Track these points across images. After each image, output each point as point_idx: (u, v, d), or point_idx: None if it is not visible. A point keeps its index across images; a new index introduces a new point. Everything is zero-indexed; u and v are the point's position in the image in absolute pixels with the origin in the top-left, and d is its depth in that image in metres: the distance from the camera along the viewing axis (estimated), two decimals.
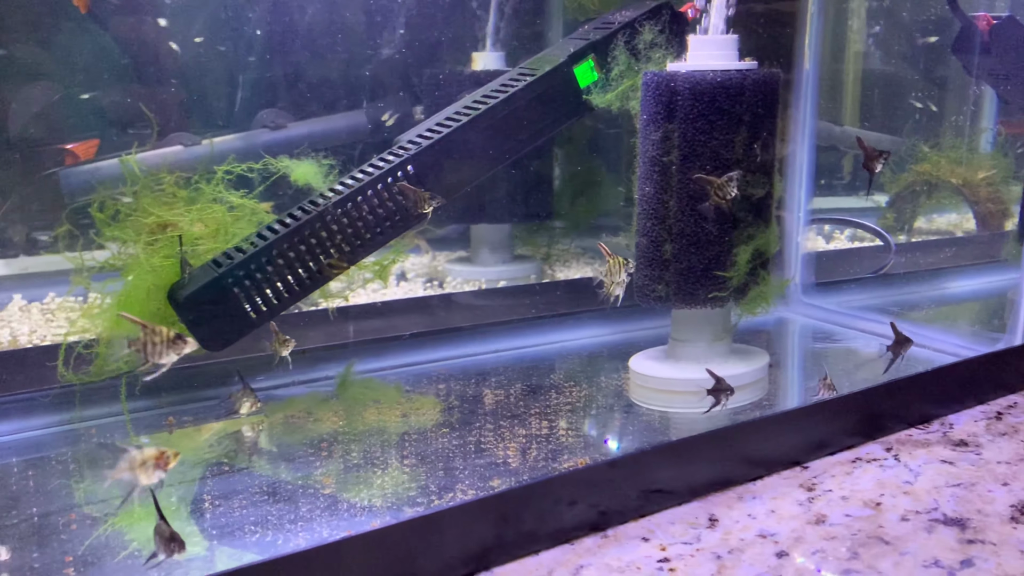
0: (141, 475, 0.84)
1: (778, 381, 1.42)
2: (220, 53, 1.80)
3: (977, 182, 2.02)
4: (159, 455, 0.85)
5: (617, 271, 1.19)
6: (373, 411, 1.32)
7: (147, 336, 0.95)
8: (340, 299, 1.46)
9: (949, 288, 1.87)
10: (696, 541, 0.98)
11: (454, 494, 1.05)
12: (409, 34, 1.91)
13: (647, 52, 1.39)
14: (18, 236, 1.76)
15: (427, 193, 1.27)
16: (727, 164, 1.23)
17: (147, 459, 0.84)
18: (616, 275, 1.18)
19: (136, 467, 0.84)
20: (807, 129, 1.70)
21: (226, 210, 1.37)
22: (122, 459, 0.84)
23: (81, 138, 1.72)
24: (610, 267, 1.20)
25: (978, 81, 1.89)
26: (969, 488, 1.08)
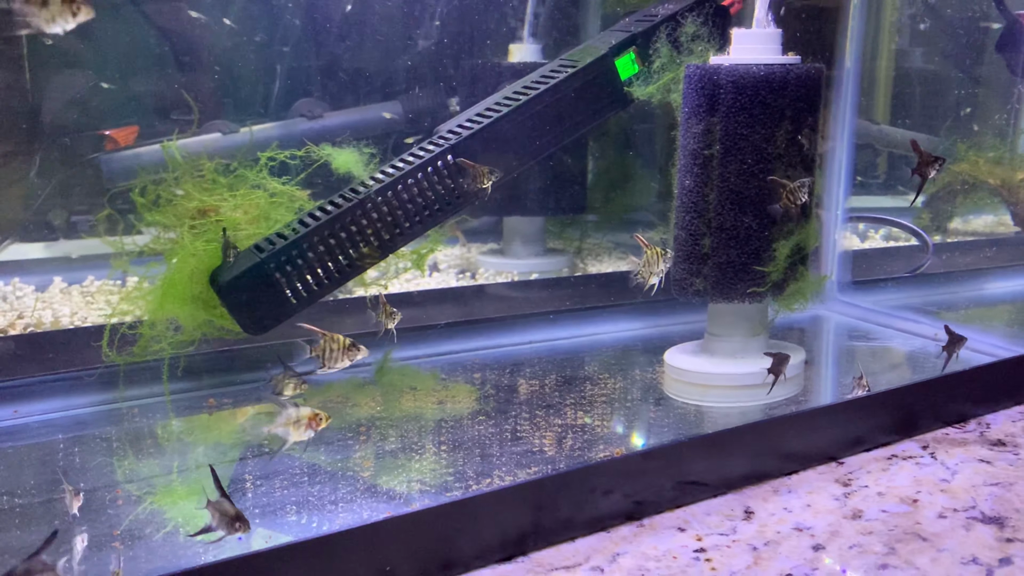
0: (294, 431, 0.93)
1: (813, 378, 1.42)
2: (258, 43, 1.82)
3: (1016, 183, 2.00)
4: (313, 416, 0.93)
5: (655, 261, 1.19)
6: (410, 398, 1.34)
7: (326, 343, 1.02)
8: (379, 287, 1.47)
9: (987, 289, 1.85)
10: (732, 532, 0.98)
11: (492, 480, 1.06)
12: (446, 25, 1.91)
13: (689, 45, 1.39)
14: (59, 220, 1.79)
15: (486, 168, 1.27)
16: (769, 158, 1.23)
17: (302, 417, 0.93)
18: (654, 265, 1.19)
19: (291, 423, 0.93)
20: (847, 127, 1.69)
21: (267, 196, 1.39)
22: (281, 415, 0.92)
23: (120, 124, 1.74)
24: (648, 257, 1.20)
25: (1022, 80, 1.87)
26: (1007, 487, 1.08)
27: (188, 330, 1.29)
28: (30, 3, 0.76)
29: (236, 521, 0.87)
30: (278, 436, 0.94)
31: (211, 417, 1.28)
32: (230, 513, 0.87)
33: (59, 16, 0.77)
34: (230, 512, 0.87)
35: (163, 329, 1.28)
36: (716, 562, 0.92)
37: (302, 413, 0.93)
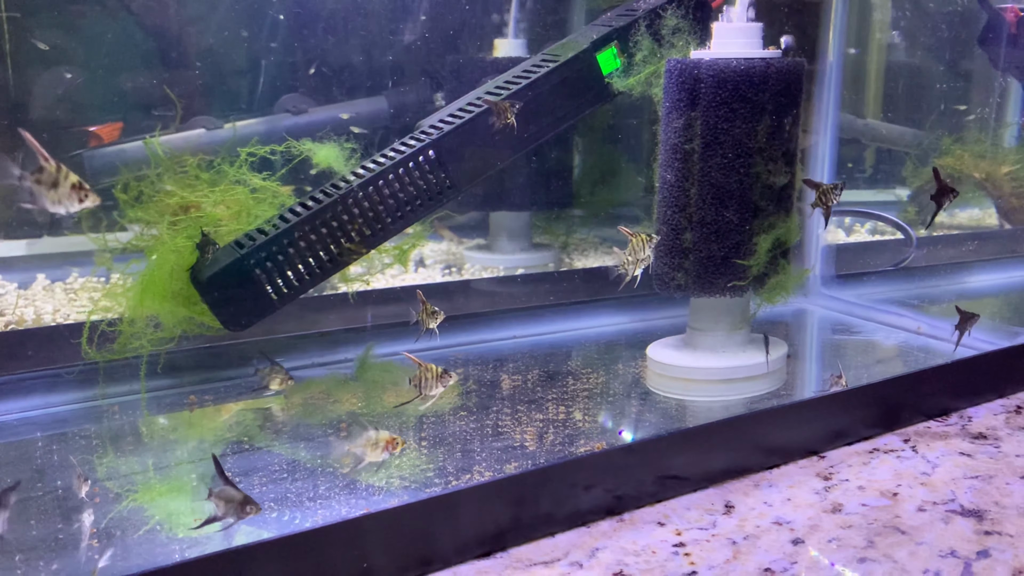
0: (371, 453, 0.98)
1: (796, 371, 1.42)
2: (243, 38, 1.81)
3: (1000, 176, 2.00)
4: (391, 439, 0.99)
5: (640, 248, 1.18)
6: (391, 393, 1.33)
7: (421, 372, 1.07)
8: (360, 283, 1.47)
9: (970, 282, 1.86)
10: (712, 527, 0.98)
11: (471, 476, 1.06)
12: (431, 21, 1.91)
13: (670, 39, 1.39)
14: (42, 217, 1.78)
15: (507, 103, 1.27)
16: (749, 153, 1.23)
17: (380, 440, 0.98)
18: (639, 252, 1.18)
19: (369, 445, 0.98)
20: (830, 121, 1.69)
21: (248, 192, 1.38)
22: (361, 436, 0.98)
23: (105, 120, 1.73)
24: (633, 245, 1.20)
25: (1004, 74, 1.88)
26: (987, 480, 1.08)
27: (168, 327, 1.28)
28: (41, 184, 0.83)
29: (246, 505, 0.87)
30: (355, 456, 0.99)
31: (192, 414, 1.28)
32: (237, 498, 0.87)
33: (66, 199, 0.84)
34: (237, 497, 0.87)
35: (143, 326, 1.27)
36: (695, 556, 0.92)
37: (380, 436, 0.98)
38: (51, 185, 0.82)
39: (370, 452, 0.98)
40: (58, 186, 0.82)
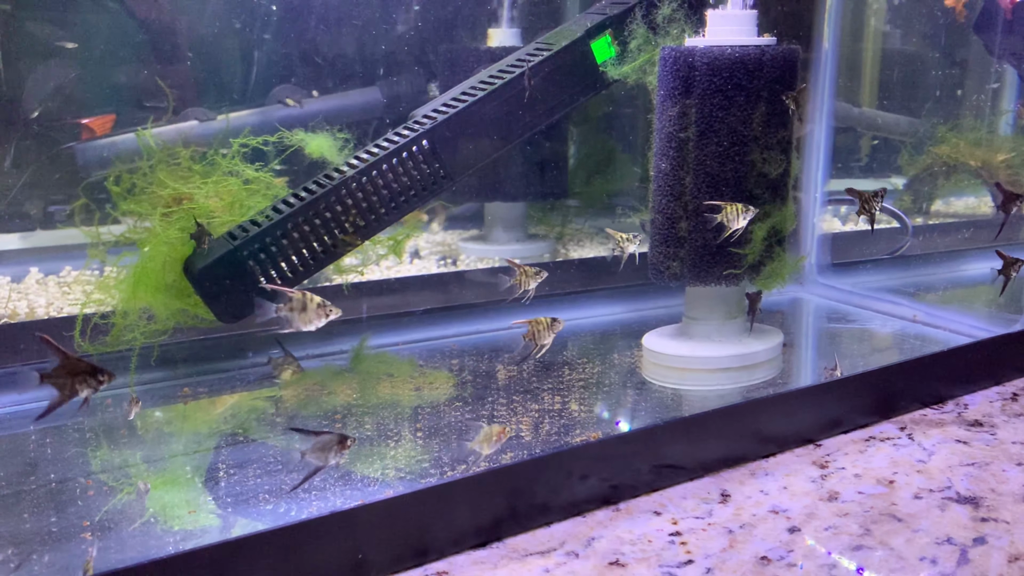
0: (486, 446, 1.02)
1: (792, 360, 1.42)
2: (236, 29, 1.80)
3: (996, 164, 2.00)
4: (503, 430, 1.03)
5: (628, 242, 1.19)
6: (387, 385, 1.33)
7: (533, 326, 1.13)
8: (355, 274, 1.46)
9: (966, 270, 1.86)
10: (708, 516, 0.98)
11: (467, 466, 1.06)
12: (425, 10, 1.90)
13: (665, 27, 1.38)
14: (35, 210, 1.77)
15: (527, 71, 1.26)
16: (744, 140, 1.22)
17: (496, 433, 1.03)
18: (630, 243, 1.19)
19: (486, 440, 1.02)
20: (825, 109, 1.68)
21: (241, 183, 1.37)
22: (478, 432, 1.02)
23: (97, 113, 1.72)
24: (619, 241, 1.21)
25: (1000, 61, 1.87)
26: (983, 467, 1.08)
27: (162, 319, 1.28)
28: (293, 310, 1.01)
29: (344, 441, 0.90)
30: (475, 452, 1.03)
31: (186, 406, 1.27)
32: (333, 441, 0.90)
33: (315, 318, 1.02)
34: (332, 441, 0.90)
35: (136, 318, 1.27)
36: (691, 545, 0.92)
37: (494, 429, 1.03)
38: (301, 308, 1.00)
39: (486, 446, 1.02)
40: (306, 308, 1.00)
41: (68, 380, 0.77)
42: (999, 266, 1.26)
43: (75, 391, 0.78)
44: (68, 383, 0.77)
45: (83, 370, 0.77)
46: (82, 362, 0.78)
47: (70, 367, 0.77)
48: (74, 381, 0.78)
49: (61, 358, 0.77)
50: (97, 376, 0.78)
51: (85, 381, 0.78)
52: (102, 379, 0.79)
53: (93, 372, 0.78)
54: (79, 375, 0.77)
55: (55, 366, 0.77)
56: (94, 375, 0.78)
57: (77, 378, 0.78)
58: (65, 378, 0.77)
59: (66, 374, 0.77)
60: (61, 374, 0.77)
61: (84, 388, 0.78)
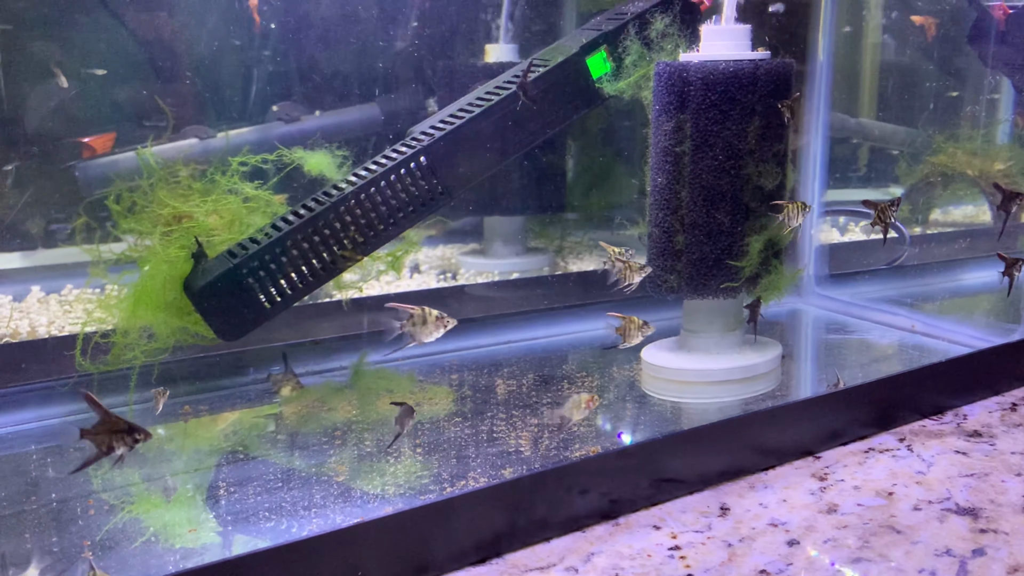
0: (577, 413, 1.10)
1: (791, 372, 1.42)
2: (235, 47, 1.82)
3: (994, 174, 2.00)
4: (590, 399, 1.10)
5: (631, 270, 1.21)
6: (386, 401, 1.33)
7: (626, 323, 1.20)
8: (354, 290, 1.47)
9: (964, 280, 1.86)
10: (707, 529, 0.98)
11: (466, 482, 1.06)
12: (422, 27, 1.91)
13: (659, 42, 1.39)
14: (36, 229, 1.78)
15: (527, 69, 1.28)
16: (740, 154, 1.23)
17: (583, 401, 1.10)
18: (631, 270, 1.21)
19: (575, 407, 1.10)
20: (821, 120, 1.69)
21: (240, 201, 1.38)
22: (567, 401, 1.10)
23: (98, 131, 1.73)
24: (614, 257, 1.22)
25: (994, 71, 1.88)
26: (982, 478, 1.08)
27: (162, 337, 1.28)
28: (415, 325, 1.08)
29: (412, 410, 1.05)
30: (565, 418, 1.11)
31: (187, 424, 1.28)
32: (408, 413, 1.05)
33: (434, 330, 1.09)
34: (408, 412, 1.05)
35: (136, 337, 1.27)
36: (690, 559, 0.92)
37: (582, 398, 1.10)
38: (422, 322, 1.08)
39: (576, 412, 1.10)
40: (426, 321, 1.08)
41: (107, 437, 0.81)
42: (1002, 268, 1.27)
43: (112, 448, 0.82)
44: (106, 440, 0.81)
45: (122, 428, 0.81)
46: (121, 420, 0.81)
47: (110, 425, 0.81)
48: (112, 438, 0.81)
49: (102, 416, 0.81)
50: (134, 434, 0.82)
51: (122, 439, 0.81)
52: (139, 438, 0.82)
53: (131, 431, 0.81)
54: (117, 433, 0.81)
55: (96, 423, 0.81)
56: (131, 433, 0.81)
57: (115, 435, 0.81)
58: (104, 435, 0.81)
59: (105, 431, 0.81)
60: (101, 431, 0.81)
61: (121, 445, 0.82)
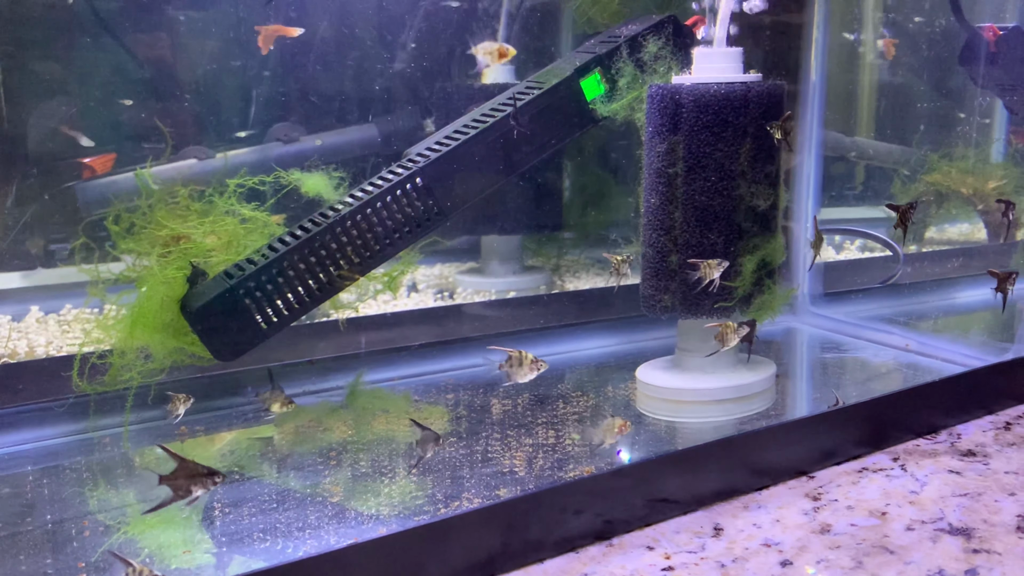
0: (609, 437, 1.15)
1: (785, 391, 1.43)
2: (234, 68, 1.83)
3: (988, 192, 2.02)
4: (623, 424, 1.15)
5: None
6: (382, 421, 1.34)
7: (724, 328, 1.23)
8: (351, 310, 1.47)
9: (958, 298, 1.87)
10: (700, 550, 0.98)
11: (460, 502, 1.06)
12: (420, 48, 1.93)
13: (652, 65, 1.41)
14: (36, 248, 1.79)
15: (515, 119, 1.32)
16: (732, 175, 1.24)
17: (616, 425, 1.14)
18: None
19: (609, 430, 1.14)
20: (814, 140, 1.70)
21: (238, 222, 1.39)
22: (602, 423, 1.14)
23: (98, 152, 1.74)
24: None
25: (984, 92, 1.89)
26: (975, 498, 1.08)
27: (159, 358, 1.29)
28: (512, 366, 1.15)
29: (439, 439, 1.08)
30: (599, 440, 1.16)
31: (184, 444, 1.28)
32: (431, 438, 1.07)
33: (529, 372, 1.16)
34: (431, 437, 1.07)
35: (133, 357, 1.28)
36: None
37: (616, 422, 1.14)
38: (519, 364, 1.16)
39: (608, 436, 1.15)
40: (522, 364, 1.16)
41: (184, 482, 0.86)
42: (994, 286, 1.28)
43: (189, 492, 0.86)
44: (184, 485, 0.86)
45: (200, 473, 0.86)
46: (199, 466, 0.86)
47: (187, 471, 0.86)
48: (189, 483, 0.86)
49: (179, 463, 0.86)
50: (213, 477, 0.86)
51: (201, 483, 0.86)
52: (217, 480, 0.87)
53: (209, 474, 0.86)
54: (196, 477, 0.86)
55: (174, 469, 0.86)
56: (210, 476, 0.86)
57: (193, 480, 0.86)
58: (182, 480, 0.86)
59: (183, 477, 0.86)
60: (179, 476, 0.86)
61: (198, 489, 0.86)
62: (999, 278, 1.28)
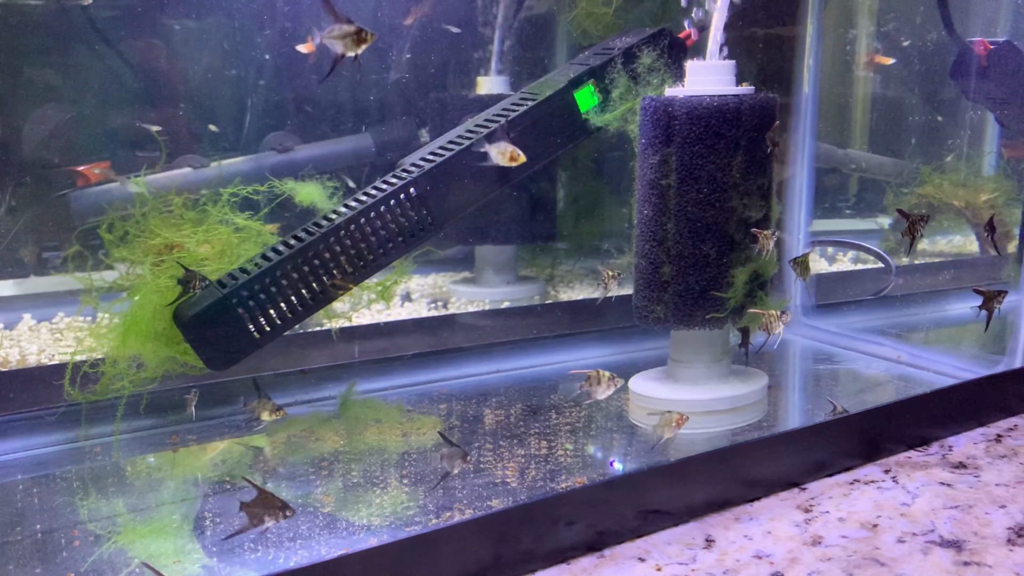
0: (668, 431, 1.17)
1: (777, 402, 1.43)
2: (229, 77, 1.83)
3: (980, 204, 2.03)
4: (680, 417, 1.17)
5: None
6: (374, 431, 1.34)
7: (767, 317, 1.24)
8: (344, 320, 1.47)
9: (950, 310, 1.87)
10: (692, 562, 0.98)
11: (452, 513, 1.06)
12: (415, 59, 1.93)
13: (646, 77, 1.41)
14: (29, 256, 1.78)
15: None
16: (724, 187, 1.25)
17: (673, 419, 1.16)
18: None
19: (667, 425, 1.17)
20: (806, 152, 1.71)
21: (232, 231, 1.39)
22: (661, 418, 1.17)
23: (92, 160, 1.74)
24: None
25: (975, 105, 1.91)
26: (967, 510, 1.08)
27: (151, 367, 1.29)
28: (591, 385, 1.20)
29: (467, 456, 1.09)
30: (658, 436, 1.18)
31: (175, 454, 1.28)
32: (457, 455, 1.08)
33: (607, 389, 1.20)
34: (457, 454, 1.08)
35: (126, 366, 1.28)
36: None
37: (673, 416, 1.16)
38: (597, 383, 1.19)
39: (667, 431, 1.17)
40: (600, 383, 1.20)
41: (261, 512, 0.93)
42: (979, 302, 1.28)
43: (263, 520, 0.94)
44: (260, 514, 0.93)
45: (276, 505, 0.94)
46: (276, 499, 0.94)
47: (265, 501, 0.93)
48: (265, 513, 0.93)
49: (259, 493, 0.93)
50: (284, 511, 0.94)
51: (274, 514, 0.94)
52: (288, 514, 0.94)
53: (283, 507, 0.94)
54: (271, 508, 0.93)
55: (254, 497, 0.93)
56: (283, 509, 0.94)
57: (269, 511, 0.93)
58: (259, 509, 0.93)
59: (260, 506, 0.93)
60: (257, 505, 0.93)
61: (270, 519, 0.94)
62: (985, 296, 1.28)
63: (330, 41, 1.10)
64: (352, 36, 1.09)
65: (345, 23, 1.09)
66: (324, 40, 1.11)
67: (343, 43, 1.10)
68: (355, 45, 1.10)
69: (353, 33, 1.09)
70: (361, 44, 1.09)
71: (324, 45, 1.11)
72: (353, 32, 1.09)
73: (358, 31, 1.09)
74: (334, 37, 1.10)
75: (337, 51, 1.10)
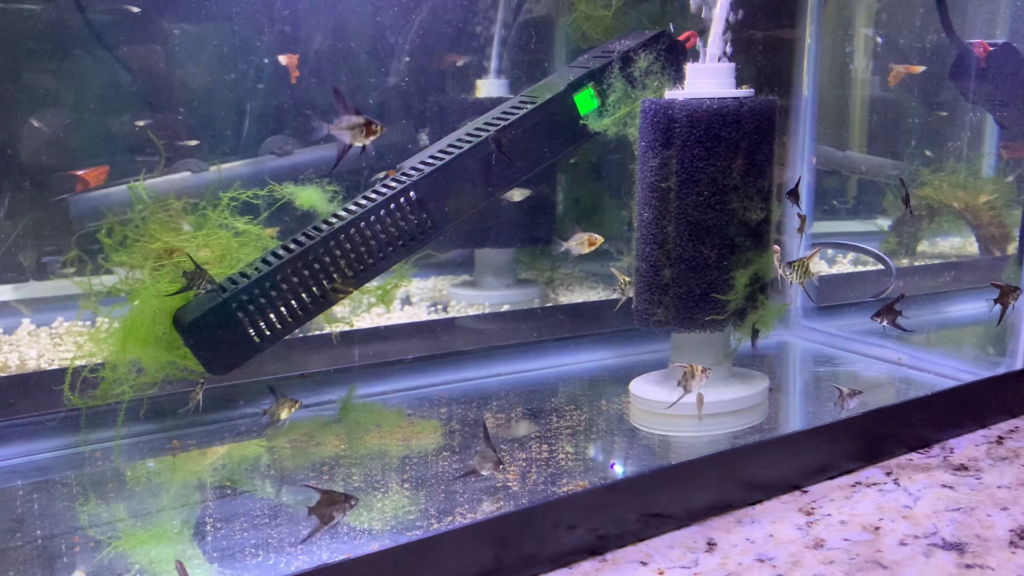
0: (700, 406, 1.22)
1: (778, 405, 1.43)
2: (228, 81, 1.83)
3: (979, 206, 2.03)
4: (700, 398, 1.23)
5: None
6: (375, 435, 1.33)
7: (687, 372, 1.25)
8: (344, 324, 1.47)
9: (950, 312, 1.87)
10: (694, 565, 0.98)
11: (453, 517, 1.06)
12: (414, 62, 1.93)
13: (645, 80, 1.41)
14: (28, 261, 1.78)
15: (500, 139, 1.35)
16: (725, 190, 1.25)
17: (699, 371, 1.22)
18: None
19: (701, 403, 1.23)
20: (806, 154, 1.71)
21: (231, 235, 1.39)
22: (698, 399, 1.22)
23: (91, 164, 1.74)
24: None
25: (975, 107, 1.91)
26: (968, 513, 1.08)
27: (151, 371, 1.28)
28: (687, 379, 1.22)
29: (500, 463, 1.07)
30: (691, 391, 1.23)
31: (176, 458, 1.28)
32: (491, 458, 1.06)
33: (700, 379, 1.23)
34: (491, 457, 1.06)
35: (126, 371, 1.27)
36: None
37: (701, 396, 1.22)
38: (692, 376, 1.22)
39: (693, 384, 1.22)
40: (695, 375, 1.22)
41: (327, 510, 0.97)
42: (995, 296, 1.28)
43: (332, 518, 0.97)
44: (327, 513, 0.97)
45: (339, 500, 0.97)
46: (338, 494, 0.97)
47: (329, 500, 0.97)
48: (332, 510, 0.97)
49: (322, 495, 0.97)
50: (349, 502, 0.98)
51: (341, 508, 0.97)
52: (353, 504, 0.98)
53: (346, 499, 0.97)
54: (335, 504, 0.97)
55: (318, 500, 0.97)
56: (347, 501, 0.97)
57: (334, 507, 0.97)
58: (325, 508, 0.97)
59: (326, 505, 0.97)
60: (323, 505, 0.97)
61: (338, 513, 0.97)
62: (1002, 290, 1.28)
63: (339, 132, 1.12)
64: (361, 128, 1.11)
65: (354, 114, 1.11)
66: (333, 131, 1.14)
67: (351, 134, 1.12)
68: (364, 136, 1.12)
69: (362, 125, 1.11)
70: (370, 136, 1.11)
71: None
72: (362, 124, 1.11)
73: (367, 123, 1.11)
74: (343, 128, 1.12)
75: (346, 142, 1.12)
